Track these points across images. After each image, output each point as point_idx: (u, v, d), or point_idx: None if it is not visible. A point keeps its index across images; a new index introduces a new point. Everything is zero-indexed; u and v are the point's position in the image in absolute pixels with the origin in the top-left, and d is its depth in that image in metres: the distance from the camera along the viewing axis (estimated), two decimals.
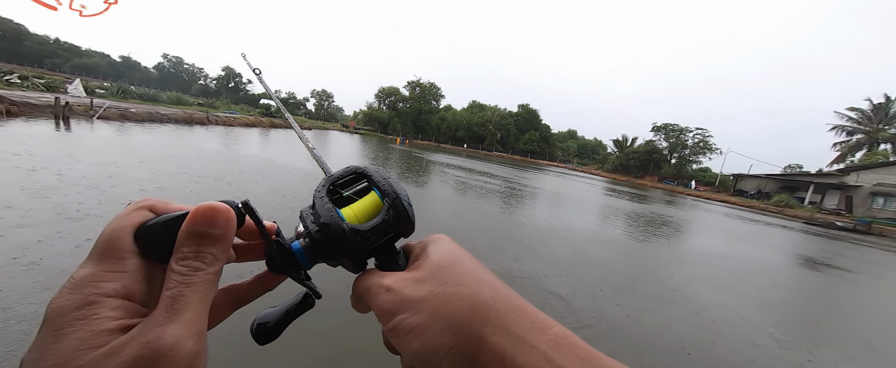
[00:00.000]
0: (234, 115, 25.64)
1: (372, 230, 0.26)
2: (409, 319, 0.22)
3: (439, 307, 0.22)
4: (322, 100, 77.88)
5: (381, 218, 0.27)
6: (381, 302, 0.23)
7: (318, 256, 0.26)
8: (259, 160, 9.32)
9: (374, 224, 0.27)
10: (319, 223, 0.26)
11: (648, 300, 3.85)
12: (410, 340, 0.21)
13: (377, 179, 0.30)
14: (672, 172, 43.81)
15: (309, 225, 0.27)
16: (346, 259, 0.27)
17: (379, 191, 0.29)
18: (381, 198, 0.28)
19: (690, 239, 8.79)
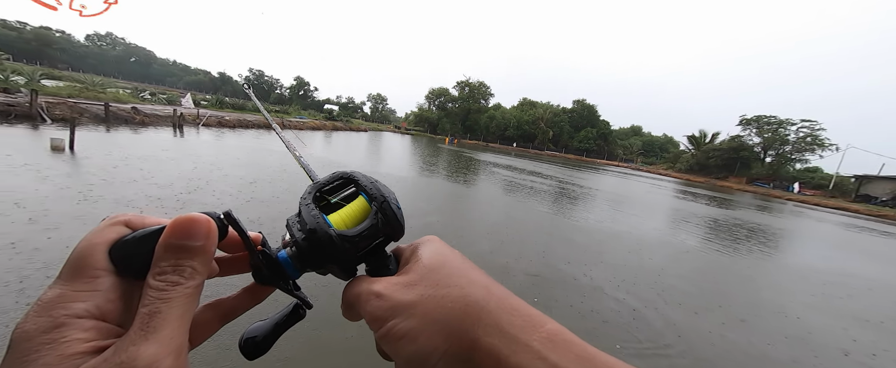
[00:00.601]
0: (303, 120, 28.73)
1: (360, 235, 0.26)
2: (400, 325, 0.21)
3: (431, 310, 0.21)
4: (377, 104, 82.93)
5: (369, 222, 0.26)
6: (371, 309, 0.23)
7: (306, 264, 0.26)
8: (317, 160, 10.33)
9: (362, 229, 0.26)
10: (306, 230, 0.25)
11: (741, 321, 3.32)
12: (403, 346, 0.21)
13: (364, 183, 0.29)
14: (766, 172, 36.87)
15: (295, 232, 0.26)
16: (334, 266, 0.26)
17: (366, 196, 0.28)
18: (369, 203, 0.28)
19: (790, 253, 7.32)
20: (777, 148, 37.69)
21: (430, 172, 11.21)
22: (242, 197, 4.85)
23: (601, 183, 16.76)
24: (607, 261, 4.49)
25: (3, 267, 2.36)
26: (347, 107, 71.79)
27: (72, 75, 29.54)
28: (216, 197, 4.62)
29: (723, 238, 7.36)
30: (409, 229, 0.27)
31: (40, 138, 6.90)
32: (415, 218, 5.16)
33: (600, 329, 2.79)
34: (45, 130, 7.95)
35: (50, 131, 7.57)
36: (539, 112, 57.79)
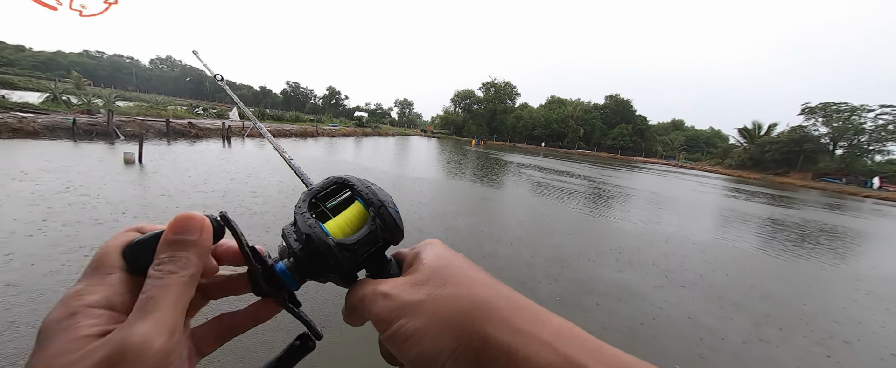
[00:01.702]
0: (336, 127, 30.19)
1: (358, 242, 0.25)
2: (408, 324, 0.21)
3: (439, 309, 0.21)
4: (404, 109, 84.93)
5: (368, 228, 0.26)
6: (377, 310, 0.23)
7: (304, 275, 0.25)
8: (351, 166, 10.77)
9: (360, 236, 0.25)
10: (302, 240, 0.25)
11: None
12: (411, 346, 0.21)
13: (360, 188, 0.28)
14: (837, 166, 32.52)
15: (292, 243, 0.25)
16: (334, 275, 0.26)
17: (363, 201, 0.27)
18: (366, 208, 0.27)
19: (867, 255, 6.38)
20: (850, 138, 33.15)
21: (458, 175, 11.24)
22: (277, 204, 5.18)
23: (639, 181, 15.76)
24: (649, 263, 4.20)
25: None
26: (376, 113, 74.20)
27: (140, 96, 33.50)
28: (254, 203, 4.98)
29: (802, 243, 6.59)
30: (435, 233, 0.25)
31: (115, 153, 7.88)
32: (441, 220, 5.19)
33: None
34: (119, 146, 9.09)
35: (123, 146, 8.64)
36: (568, 109, 55.78)
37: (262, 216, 4.41)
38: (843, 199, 19.50)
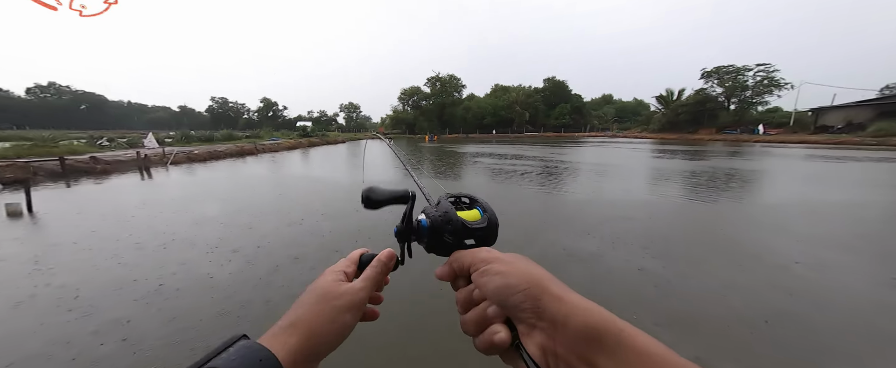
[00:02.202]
0: (278, 141, 27.93)
1: (472, 227, 0.40)
2: (497, 267, 0.33)
3: (519, 268, 0.32)
4: (350, 113, 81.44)
5: (480, 223, 0.41)
6: (482, 255, 0.35)
7: (432, 233, 0.41)
8: (304, 179, 10.11)
9: (475, 224, 0.40)
10: (442, 212, 0.41)
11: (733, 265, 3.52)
12: (494, 279, 0.32)
13: (481, 201, 0.44)
14: (732, 119, 38.71)
15: (432, 213, 0.42)
16: (449, 237, 0.40)
17: (480, 209, 0.43)
18: (481, 214, 0.42)
19: (763, 191, 7.77)
20: (738, 94, 39.55)
21: (416, 172, 11.18)
22: (238, 244, 4.70)
23: (581, 155, 17.18)
24: (599, 227, 4.65)
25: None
26: (321, 120, 70.23)
27: (18, 134, 27.51)
28: (201, 250, 4.07)
29: (711, 187, 7.74)
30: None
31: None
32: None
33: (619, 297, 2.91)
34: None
35: (4, 197, 7.08)
36: (513, 96, 58.30)
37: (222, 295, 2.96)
38: (739, 147, 23.33)
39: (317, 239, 4.37)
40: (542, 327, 0.28)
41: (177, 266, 3.52)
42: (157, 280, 3.19)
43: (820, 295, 2.87)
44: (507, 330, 0.30)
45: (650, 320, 2.53)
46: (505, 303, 0.31)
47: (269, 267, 3.51)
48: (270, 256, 3.78)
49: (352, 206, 6.01)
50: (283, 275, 3.32)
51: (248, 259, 3.71)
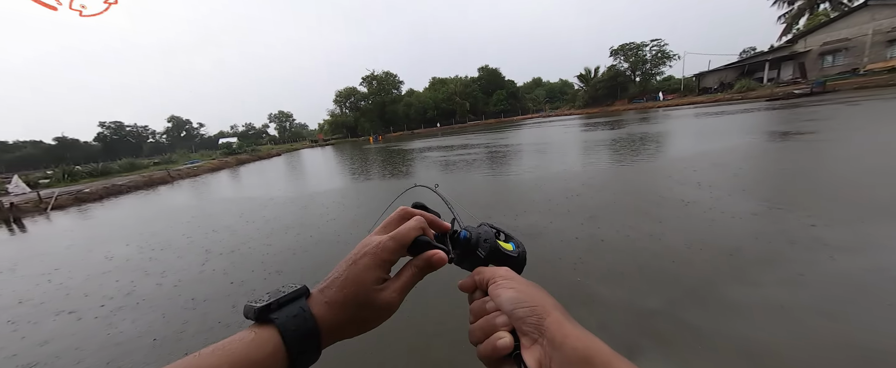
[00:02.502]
0: (197, 164, 24.53)
1: (503, 252, 0.44)
2: (514, 283, 0.37)
3: (533, 290, 0.36)
4: (282, 122, 74.77)
5: (513, 254, 0.45)
6: (502, 272, 0.39)
7: (468, 246, 0.44)
8: (240, 201, 9.07)
9: (508, 252, 0.45)
10: (484, 233, 0.45)
11: (646, 215, 4.07)
12: (508, 291, 0.35)
13: (515, 237, 0.49)
14: (639, 90, 44.57)
15: (474, 231, 0.45)
16: (483, 253, 0.43)
17: (513, 243, 0.47)
18: (514, 247, 0.46)
19: (668, 149, 9.16)
20: (641, 67, 45.57)
21: (364, 176, 10.82)
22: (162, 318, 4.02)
23: (521, 137, 18.30)
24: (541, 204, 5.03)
25: None
26: (248, 134, 63.37)
27: None
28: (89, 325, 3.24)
29: (631, 150, 8.83)
30: (354, 241, 0.39)
31: None
32: (360, 227, 4.99)
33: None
34: None
35: None
36: (451, 87, 59.18)
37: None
38: (647, 113, 27.03)
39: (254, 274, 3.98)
40: (543, 344, 0.31)
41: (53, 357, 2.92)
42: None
43: (714, 221, 3.52)
44: (511, 338, 0.33)
45: (594, 277, 2.85)
46: (513, 314, 0.33)
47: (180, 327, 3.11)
48: (206, 316, 3.35)
49: (294, 221, 5.59)
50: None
51: (163, 320, 3.24)
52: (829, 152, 6.27)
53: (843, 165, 5.23)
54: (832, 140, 7.17)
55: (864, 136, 7.07)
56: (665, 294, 2.47)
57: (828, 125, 9.04)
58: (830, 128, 8.59)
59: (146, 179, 16.86)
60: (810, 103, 16.09)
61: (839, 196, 3.91)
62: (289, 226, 5.42)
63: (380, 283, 0.37)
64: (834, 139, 7.23)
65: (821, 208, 3.60)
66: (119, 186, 14.86)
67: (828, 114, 11.35)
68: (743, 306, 2.24)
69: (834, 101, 15.20)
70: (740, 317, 2.15)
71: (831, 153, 6.17)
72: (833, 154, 6.09)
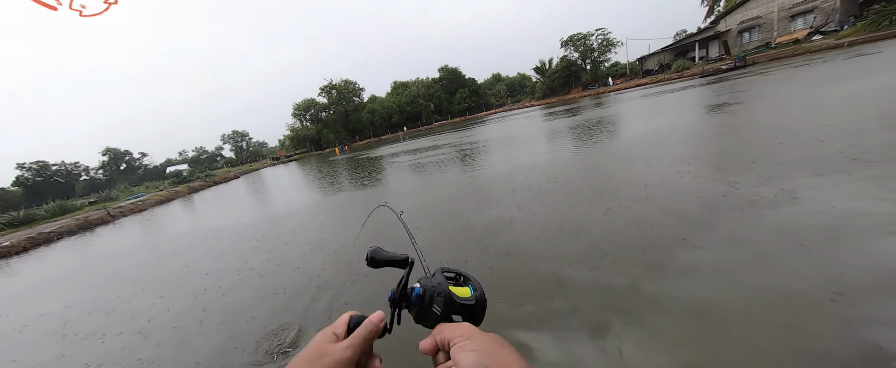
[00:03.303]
0: (142, 198, 22.37)
1: (461, 304, 0.43)
2: (474, 344, 0.37)
3: (493, 350, 0.37)
4: (237, 142, 70.23)
5: (468, 300, 0.44)
6: (462, 331, 0.40)
7: (422, 303, 0.44)
8: (197, 234, 8.39)
9: (463, 300, 0.44)
10: (435, 282, 0.44)
11: (608, 195, 4.34)
12: (470, 355, 0.36)
13: (472, 277, 0.48)
14: (591, 78, 47.24)
15: (425, 283, 0.45)
16: (438, 310, 0.43)
17: (472, 288, 0.46)
18: (471, 292, 0.46)
19: (620, 130, 9.82)
20: (590, 56, 48.30)
21: (334, 188, 10.48)
22: None
23: (488, 132, 18.69)
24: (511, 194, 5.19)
25: None
26: (200, 159, 58.85)
27: None
28: None
29: (592, 133, 9.34)
30: (331, 260, 0.39)
31: None
32: (331, 243, 4.84)
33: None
34: None
35: None
36: (413, 90, 58.89)
37: None
38: (600, 98, 28.75)
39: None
40: None
41: None
42: None
43: (667, 190, 3.84)
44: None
45: (561, 262, 3.00)
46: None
47: None
48: None
49: (257, 261, 5.30)
50: None
51: None
52: (752, 119, 7.07)
53: (765, 129, 5.94)
54: (754, 108, 8.09)
55: (779, 102, 8.07)
56: (626, 269, 2.66)
57: (749, 95, 10.17)
58: (752, 98, 9.68)
59: (80, 222, 15.06)
60: (735, 76, 18.01)
61: (763, 157, 4.44)
62: (244, 269, 5.11)
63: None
64: (755, 107, 8.16)
65: (750, 170, 4.06)
66: (47, 233, 13.15)
67: (748, 85, 12.78)
68: (690, 269, 2.48)
69: (753, 73, 17.13)
70: (689, 280, 2.37)
71: (754, 119, 6.97)
72: (755, 120, 6.88)
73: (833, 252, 2.31)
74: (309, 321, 2.97)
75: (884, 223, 2.49)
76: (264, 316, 3.17)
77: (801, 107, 6.91)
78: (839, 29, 22.28)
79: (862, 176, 3.26)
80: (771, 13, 27.96)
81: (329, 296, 3.30)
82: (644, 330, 2.03)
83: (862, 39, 18.16)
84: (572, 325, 2.15)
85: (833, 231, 2.54)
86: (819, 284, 2.05)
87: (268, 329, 2.94)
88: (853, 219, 2.61)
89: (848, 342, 1.65)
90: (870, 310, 1.80)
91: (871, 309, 1.80)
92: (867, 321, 1.74)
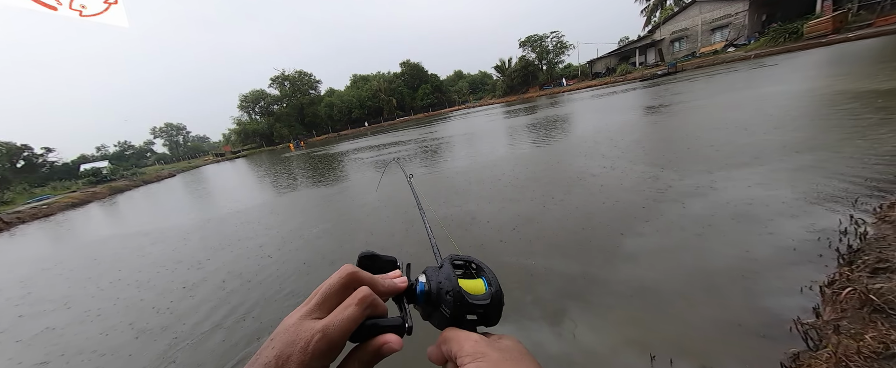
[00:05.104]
0: (46, 200, 18.96)
1: (474, 303, 0.36)
2: (480, 363, 0.31)
3: (500, 364, 0.31)
4: (172, 137, 62.37)
5: (482, 299, 0.36)
6: (469, 348, 0.32)
7: (429, 301, 0.37)
8: (130, 253, 7.30)
9: (477, 300, 0.36)
10: (442, 277, 0.37)
11: (562, 187, 4.61)
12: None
13: (487, 271, 0.40)
14: (547, 78, 49.79)
15: (432, 276, 0.38)
16: (446, 310, 0.35)
17: (486, 281, 0.39)
18: (486, 287, 0.38)
19: (573, 128, 10.50)
20: (545, 57, 50.82)
21: (290, 187, 9.80)
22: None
23: (451, 128, 18.83)
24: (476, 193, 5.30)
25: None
26: (125, 155, 51.41)
27: None
28: None
29: (549, 130, 9.82)
30: (293, 259, 0.34)
31: None
32: (291, 242, 4.54)
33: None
34: None
35: None
36: (374, 84, 57.08)
37: None
38: (556, 98, 30.46)
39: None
40: None
41: None
42: None
43: (614, 185, 4.20)
44: None
45: (523, 255, 3.14)
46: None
47: None
48: None
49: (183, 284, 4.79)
50: None
51: None
52: (680, 119, 8.00)
53: (691, 128, 6.76)
54: (682, 110, 9.17)
55: (701, 105, 9.23)
56: (580, 258, 2.87)
57: (679, 98, 11.49)
58: (681, 100, 10.95)
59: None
60: (668, 81, 20.21)
61: (689, 153, 5.05)
62: (189, 283, 4.60)
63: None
64: (683, 109, 9.25)
65: (679, 165, 4.60)
66: None
67: (679, 89, 14.43)
68: (633, 255, 2.75)
69: (682, 79, 19.36)
70: (632, 265, 2.63)
71: (682, 120, 7.90)
72: (683, 120, 7.80)
73: (742, 234, 2.72)
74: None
75: (779, 207, 2.98)
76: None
77: (718, 109, 7.98)
78: (748, 42, 26.03)
79: (763, 169, 3.87)
80: (696, 26, 31.74)
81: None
82: (594, 313, 2.20)
83: (764, 52, 21.43)
84: (534, 314, 2.27)
85: (742, 215, 2.98)
86: (732, 262, 2.40)
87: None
88: (757, 205, 3.09)
89: (753, 311, 1.95)
90: (769, 282, 2.14)
91: (770, 282, 2.15)
92: (767, 292, 2.07)
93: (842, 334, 1.54)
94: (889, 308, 1.56)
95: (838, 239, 2.35)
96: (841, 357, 1.39)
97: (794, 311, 1.85)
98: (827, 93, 7.12)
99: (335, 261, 3.77)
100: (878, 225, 2.37)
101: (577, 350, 1.95)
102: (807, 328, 1.70)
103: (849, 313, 1.66)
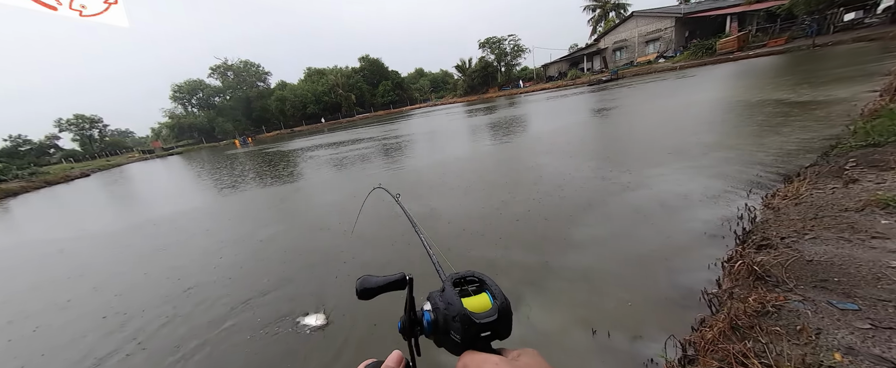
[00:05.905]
0: None
1: (479, 319, 0.35)
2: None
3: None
4: (87, 130, 53.23)
5: (489, 316, 0.35)
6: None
7: (437, 328, 0.37)
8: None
9: (484, 318, 0.35)
10: (445, 302, 0.36)
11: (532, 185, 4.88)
12: None
13: (490, 284, 0.39)
14: (505, 79, 51.70)
15: (438, 303, 0.37)
16: (457, 336, 0.35)
17: (490, 295, 0.38)
18: (491, 301, 0.37)
19: (529, 128, 11.13)
20: (503, 59, 52.71)
21: (236, 187, 9.00)
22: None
23: (412, 126, 18.73)
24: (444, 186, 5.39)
25: None
26: (21, 152, 42.82)
27: None
28: None
29: (506, 128, 10.23)
30: (250, 264, 0.34)
31: None
32: (241, 246, 4.22)
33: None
34: None
35: None
36: (331, 78, 54.35)
37: None
38: (513, 99, 31.82)
39: None
40: None
41: None
42: None
43: (561, 178, 4.58)
44: None
45: (485, 248, 3.30)
46: None
47: None
48: None
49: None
50: None
51: None
52: (621, 121, 8.92)
53: (629, 129, 7.58)
54: (622, 113, 10.22)
55: (637, 109, 10.38)
56: (535, 249, 3.11)
57: (621, 102, 12.76)
58: (622, 104, 12.17)
59: None
60: (611, 87, 22.25)
61: (627, 151, 5.68)
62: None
63: None
64: (623, 113, 10.31)
65: (618, 162, 5.16)
66: None
67: (620, 94, 16.00)
68: (580, 243, 3.06)
69: (622, 85, 21.47)
70: (580, 252, 2.92)
71: (622, 122, 8.81)
72: (623, 122, 8.70)
73: (666, 222, 3.17)
74: None
75: (696, 198, 3.52)
76: None
77: (652, 113, 9.05)
78: (675, 55, 29.63)
79: (686, 165, 4.52)
80: (633, 37, 35.31)
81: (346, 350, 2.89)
82: (547, 297, 2.42)
83: (687, 65, 24.61)
84: None
85: (667, 206, 3.46)
86: (659, 247, 2.79)
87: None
88: (679, 197, 3.61)
89: (674, 286, 2.31)
90: (686, 262, 2.55)
91: (686, 261, 2.55)
92: (684, 269, 2.46)
93: (734, 299, 1.91)
94: (766, 275, 1.97)
95: (736, 224, 2.86)
96: (732, 317, 1.73)
97: (702, 284, 2.23)
98: (737, 101, 8.45)
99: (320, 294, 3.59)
100: (764, 210, 2.93)
101: (531, 331, 2.13)
102: (711, 296, 2.06)
103: (740, 282, 2.05)
